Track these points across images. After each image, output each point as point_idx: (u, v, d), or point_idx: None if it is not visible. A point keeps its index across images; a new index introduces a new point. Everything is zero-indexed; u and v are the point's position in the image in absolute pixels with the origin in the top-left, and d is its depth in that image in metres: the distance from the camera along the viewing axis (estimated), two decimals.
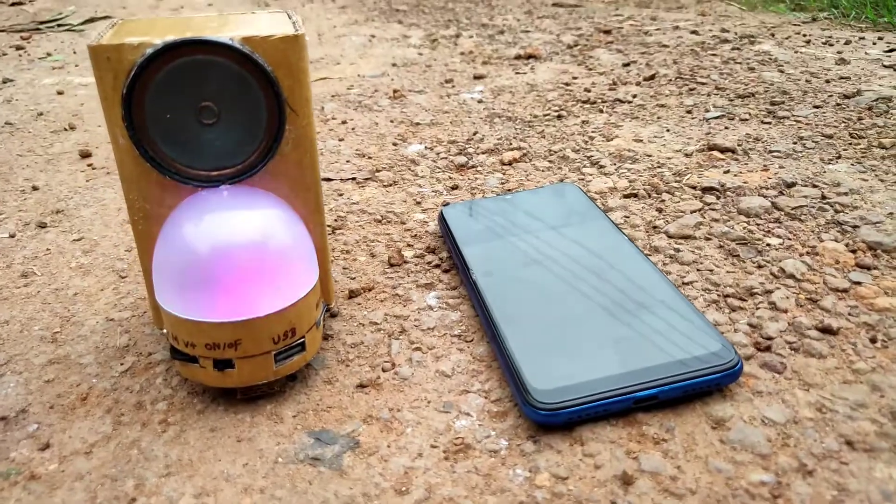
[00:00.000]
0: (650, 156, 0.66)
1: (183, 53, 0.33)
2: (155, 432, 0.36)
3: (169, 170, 0.35)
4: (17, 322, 0.47)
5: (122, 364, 0.42)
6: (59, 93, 1.06)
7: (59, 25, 1.77)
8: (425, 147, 0.73)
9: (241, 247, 0.35)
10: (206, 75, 0.34)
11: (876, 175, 0.58)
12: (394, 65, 1.11)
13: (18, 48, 1.43)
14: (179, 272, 0.35)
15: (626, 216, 0.55)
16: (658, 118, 0.77)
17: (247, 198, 0.37)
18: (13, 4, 2.12)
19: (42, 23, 1.79)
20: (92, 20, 1.82)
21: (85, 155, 0.77)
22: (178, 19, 0.40)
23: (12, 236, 0.59)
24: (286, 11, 0.41)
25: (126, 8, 2.03)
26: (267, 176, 0.38)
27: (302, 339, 0.37)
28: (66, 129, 0.88)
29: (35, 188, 0.69)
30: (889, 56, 0.97)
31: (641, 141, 0.70)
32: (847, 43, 1.06)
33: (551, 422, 0.34)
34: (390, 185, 0.64)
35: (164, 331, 0.38)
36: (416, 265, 0.50)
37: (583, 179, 0.62)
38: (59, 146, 0.82)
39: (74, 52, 1.40)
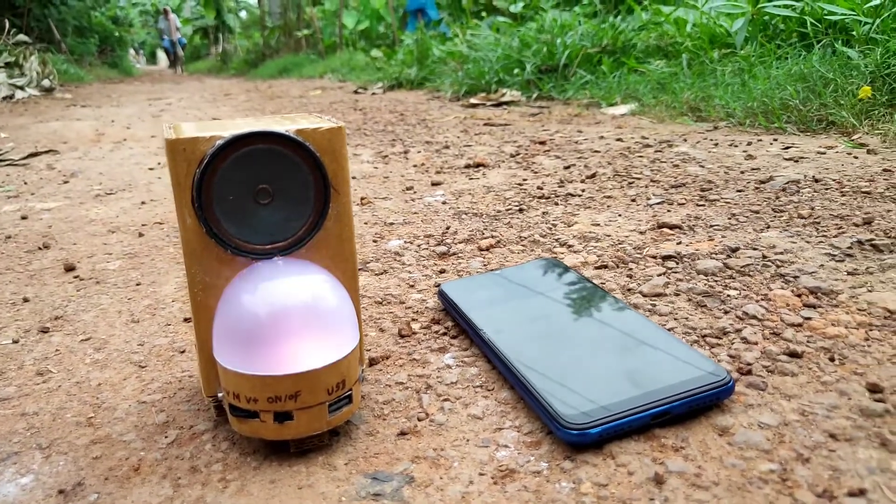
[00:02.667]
0: (609, 235, 0.75)
1: (247, 143, 0.39)
2: (217, 489, 0.39)
3: (230, 244, 0.40)
4: (47, 413, 0.48)
5: (165, 437, 0.44)
6: (23, 217, 1.08)
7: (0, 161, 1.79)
8: (405, 242, 0.79)
9: (296, 307, 0.39)
10: (264, 162, 0.40)
11: (802, 238, 0.68)
12: (353, 178, 1.19)
13: None
14: (243, 333, 0.39)
15: (602, 282, 0.62)
16: (608, 206, 0.87)
17: (297, 267, 0.42)
18: None
19: None
20: (34, 154, 1.85)
21: (69, 268, 0.80)
22: (223, 121, 0.46)
23: (16, 342, 0.60)
24: (312, 113, 0.48)
25: (67, 143, 2.08)
26: (312, 248, 0.43)
27: (350, 392, 0.41)
28: (40, 248, 0.90)
29: (26, 300, 0.70)
30: (787, 152, 1.12)
31: (599, 225, 0.79)
32: (749, 144, 1.22)
33: (583, 441, 0.39)
34: (381, 273, 0.70)
35: (220, 395, 0.41)
36: (425, 335, 0.55)
37: (556, 257, 0.70)
38: (38, 263, 0.83)
39: (25, 183, 1.42)
